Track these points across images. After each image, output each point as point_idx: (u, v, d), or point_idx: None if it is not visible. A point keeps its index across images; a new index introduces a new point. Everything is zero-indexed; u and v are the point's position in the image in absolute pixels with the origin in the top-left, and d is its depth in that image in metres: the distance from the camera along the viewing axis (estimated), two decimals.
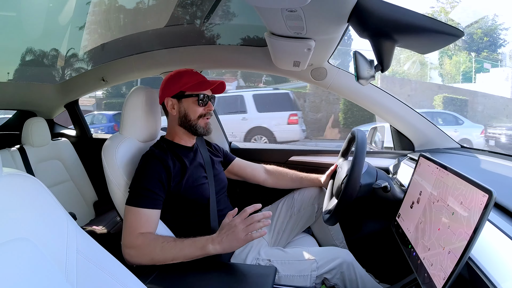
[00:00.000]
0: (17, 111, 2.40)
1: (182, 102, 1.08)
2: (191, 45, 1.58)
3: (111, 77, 1.84)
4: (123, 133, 1.12)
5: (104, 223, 1.68)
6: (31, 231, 0.49)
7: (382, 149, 1.65)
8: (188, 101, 1.08)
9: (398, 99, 1.41)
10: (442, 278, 0.57)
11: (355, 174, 0.95)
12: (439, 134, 1.43)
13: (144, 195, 0.94)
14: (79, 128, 2.33)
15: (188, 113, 1.08)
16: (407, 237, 0.79)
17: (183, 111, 1.08)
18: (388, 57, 0.82)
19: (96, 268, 0.56)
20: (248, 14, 1.34)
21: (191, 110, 1.08)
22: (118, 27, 1.63)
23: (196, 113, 1.08)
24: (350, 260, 1.03)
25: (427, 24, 0.73)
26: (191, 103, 1.08)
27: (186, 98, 1.07)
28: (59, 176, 1.91)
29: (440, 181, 0.72)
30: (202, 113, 1.09)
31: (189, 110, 1.08)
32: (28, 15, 1.47)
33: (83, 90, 2.10)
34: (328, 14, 0.79)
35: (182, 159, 1.05)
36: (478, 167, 1.09)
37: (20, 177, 0.53)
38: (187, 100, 1.07)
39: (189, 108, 1.08)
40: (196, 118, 1.08)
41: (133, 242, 0.90)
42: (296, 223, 1.30)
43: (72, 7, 1.46)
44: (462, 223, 0.57)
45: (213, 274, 0.88)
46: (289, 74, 1.49)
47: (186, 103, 1.08)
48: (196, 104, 1.07)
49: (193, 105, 1.08)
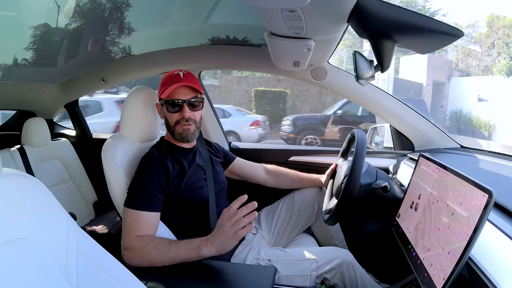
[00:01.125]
0: (17, 111, 2.40)
1: (163, 108, 1.08)
2: (190, 45, 1.58)
3: (111, 77, 1.85)
4: (123, 133, 1.12)
5: (104, 223, 1.68)
6: (31, 231, 0.49)
7: (382, 149, 1.65)
8: (165, 107, 1.07)
9: (398, 99, 1.41)
10: (442, 279, 0.57)
11: (355, 174, 0.95)
12: (439, 134, 1.43)
13: (143, 198, 0.94)
14: (79, 128, 2.33)
15: (167, 118, 1.08)
16: (407, 237, 0.79)
17: (164, 116, 1.09)
18: (388, 57, 0.83)
19: (96, 268, 0.56)
20: (248, 14, 1.34)
21: (168, 116, 1.07)
22: (118, 26, 1.62)
23: (172, 119, 1.06)
24: (350, 260, 1.03)
25: (427, 24, 0.73)
26: (166, 109, 1.07)
27: (164, 103, 1.07)
28: (59, 176, 1.91)
29: (440, 181, 0.72)
30: (178, 119, 1.06)
31: (167, 116, 1.08)
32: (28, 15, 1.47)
33: (82, 90, 2.10)
34: (328, 14, 0.79)
35: (181, 162, 1.05)
36: (478, 167, 1.09)
37: (20, 177, 0.53)
38: (164, 106, 1.07)
39: (167, 114, 1.07)
40: (173, 124, 1.06)
41: (131, 244, 0.89)
42: (296, 223, 1.30)
43: (72, 7, 1.46)
44: (461, 223, 0.57)
45: (213, 274, 0.88)
46: (289, 74, 1.49)
47: (165, 109, 1.08)
48: (169, 110, 1.06)
49: (168, 111, 1.06)
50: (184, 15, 1.50)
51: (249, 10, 1.28)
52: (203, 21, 1.45)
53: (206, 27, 1.48)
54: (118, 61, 1.76)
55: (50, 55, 1.82)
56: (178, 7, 1.44)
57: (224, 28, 1.49)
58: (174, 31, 1.60)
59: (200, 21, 1.47)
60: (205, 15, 1.40)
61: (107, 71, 1.82)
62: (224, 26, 1.49)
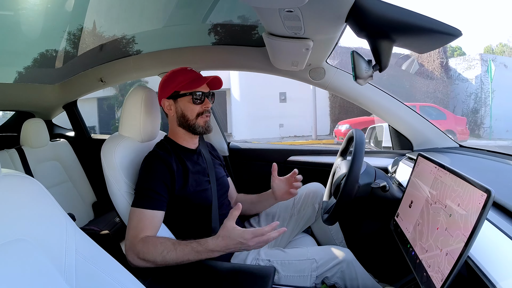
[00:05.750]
0: (15, 112, 2.39)
1: (178, 102, 1.07)
2: (189, 45, 1.58)
3: (110, 77, 1.84)
4: (122, 133, 1.12)
5: (103, 224, 1.68)
6: (29, 232, 0.49)
7: (381, 148, 1.65)
8: (183, 100, 1.06)
9: (396, 98, 1.41)
10: (440, 280, 0.57)
11: (354, 173, 0.96)
12: (437, 134, 1.43)
13: (148, 196, 0.94)
14: (77, 129, 2.33)
15: (185, 112, 1.07)
16: (406, 237, 0.79)
17: (180, 111, 1.07)
18: (386, 56, 0.83)
19: (95, 268, 0.56)
20: (247, 14, 1.34)
21: (187, 109, 1.06)
22: (117, 27, 1.62)
23: (193, 112, 1.06)
24: (350, 258, 1.03)
25: (425, 23, 0.73)
26: (186, 102, 1.06)
27: (181, 97, 1.06)
28: (57, 177, 1.90)
29: (438, 180, 0.72)
30: (200, 111, 1.07)
31: (186, 110, 1.07)
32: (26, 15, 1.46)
33: (81, 91, 2.10)
34: (326, 14, 0.79)
35: (185, 163, 1.05)
36: (476, 167, 1.09)
37: (18, 178, 0.53)
38: (182, 99, 1.06)
39: (186, 107, 1.06)
40: (194, 117, 1.07)
41: (135, 246, 0.89)
42: (296, 223, 1.29)
43: (71, 6, 1.46)
44: (460, 223, 0.57)
45: (213, 274, 0.88)
46: (287, 74, 1.49)
47: (182, 103, 1.07)
48: (191, 102, 1.06)
49: (189, 104, 1.06)
50: (183, 15, 1.50)
51: (247, 10, 1.28)
52: (201, 21, 1.45)
53: (204, 27, 1.48)
54: (116, 62, 1.76)
55: (49, 55, 1.82)
56: (177, 7, 1.44)
57: (223, 28, 1.49)
58: (173, 31, 1.60)
59: (199, 21, 1.47)
60: (203, 15, 1.40)
61: (106, 71, 1.82)
62: (222, 26, 1.49)
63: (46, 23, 1.56)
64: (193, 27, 1.51)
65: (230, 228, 0.85)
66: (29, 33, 1.59)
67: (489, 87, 9.74)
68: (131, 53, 1.72)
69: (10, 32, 1.56)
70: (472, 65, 10.28)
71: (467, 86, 10.28)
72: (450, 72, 10.71)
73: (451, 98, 10.50)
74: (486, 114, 9.98)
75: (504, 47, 13.96)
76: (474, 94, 10.17)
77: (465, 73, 10.46)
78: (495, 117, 9.60)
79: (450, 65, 10.78)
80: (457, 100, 10.35)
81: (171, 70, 1.11)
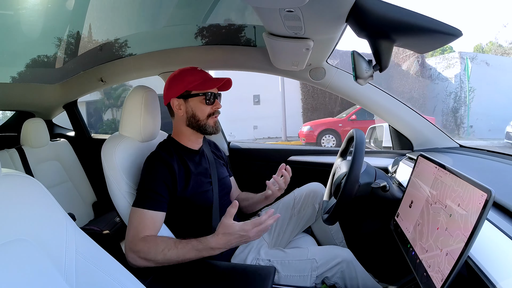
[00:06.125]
0: (15, 112, 2.39)
1: (189, 102, 1.06)
2: (189, 45, 1.58)
3: (110, 77, 1.84)
4: (122, 133, 1.11)
5: (103, 223, 1.68)
6: (30, 232, 0.49)
7: (381, 148, 1.65)
8: (194, 100, 1.06)
9: (397, 98, 1.41)
10: (440, 280, 0.57)
11: (354, 173, 0.96)
12: (438, 134, 1.43)
13: (149, 197, 0.94)
14: (78, 129, 2.33)
15: (196, 113, 1.06)
16: (406, 237, 0.79)
17: (191, 111, 1.07)
18: (387, 56, 0.83)
19: (95, 268, 0.56)
20: (247, 14, 1.34)
21: (199, 109, 1.06)
22: (117, 27, 1.62)
23: (204, 113, 1.06)
24: (350, 258, 1.03)
25: (425, 23, 0.73)
26: (198, 102, 1.06)
27: (193, 97, 1.06)
28: (58, 177, 1.90)
29: (438, 180, 0.72)
30: (211, 112, 1.07)
31: (196, 110, 1.06)
32: (26, 15, 1.46)
33: (81, 91, 2.10)
34: (326, 14, 0.79)
35: (187, 164, 1.04)
36: (477, 167, 1.09)
37: (19, 178, 0.53)
38: (193, 99, 1.06)
39: (197, 107, 1.06)
40: (205, 117, 1.06)
41: (136, 246, 0.89)
42: (296, 223, 1.29)
43: (71, 6, 1.46)
44: (460, 223, 0.57)
45: (213, 274, 0.88)
46: (287, 74, 1.49)
47: (193, 103, 1.06)
48: (204, 103, 1.06)
49: (201, 104, 1.06)
50: (183, 15, 1.50)
51: (247, 10, 1.28)
52: (202, 21, 1.45)
53: (204, 27, 1.48)
54: (116, 62, 1.76)
55: (49, 55, 1.82)
56: (177, 7, 1.44)
57: (223, 28, 1.49)
58: (173, 31, 1.60)
59: (199, 21, 1.47)
60: (203, 15, 1.40)
61: (106, 71, 1.82)
62: (222, 27, 1.49)
63: (46, 23, 1.56)
64: (194, 27, 1.51)
65: (228, 225, 0.86)
66: (29, 33, 1.59)
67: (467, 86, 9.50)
68: (131, 53, 1.72)
69: (10, 32, 1.56)
70: (451, 64, 9.98)
71: (446, 85, 9.99)
72: (430, 71, 10.43)
73: (430, 98, 10.21)
74: (466, 113, 9.74)
75: (493, 45, 13.78)
76: (453, 93, 9.90)
77: (444, 72, 10.19)
78: (476, 116, 9.32)
79: (430, 64, 10.48)
80: (437, 100, 10.06)
81: (179, 69, 1.10)
